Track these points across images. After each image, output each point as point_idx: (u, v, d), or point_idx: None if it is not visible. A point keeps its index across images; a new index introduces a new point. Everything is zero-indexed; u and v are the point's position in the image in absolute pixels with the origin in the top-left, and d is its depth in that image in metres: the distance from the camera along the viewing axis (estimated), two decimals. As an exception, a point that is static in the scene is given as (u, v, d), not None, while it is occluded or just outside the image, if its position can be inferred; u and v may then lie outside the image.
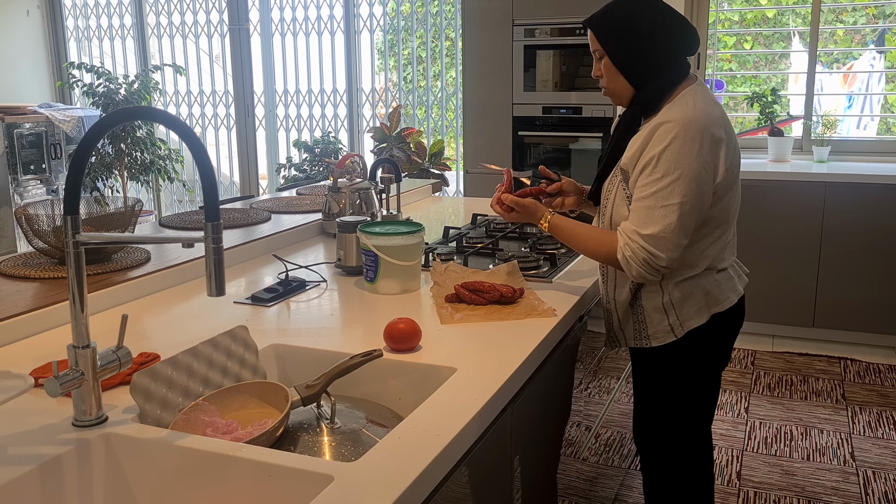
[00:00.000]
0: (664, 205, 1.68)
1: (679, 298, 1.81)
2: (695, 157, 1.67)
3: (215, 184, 1.18)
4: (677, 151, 1.67)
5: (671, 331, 1.83)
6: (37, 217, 1.98)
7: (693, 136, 1.68)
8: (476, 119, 4.66)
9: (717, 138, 1.71)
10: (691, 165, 1.67)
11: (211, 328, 1.66)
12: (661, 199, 1.68)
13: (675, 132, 1.68)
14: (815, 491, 2.84)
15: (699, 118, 1.69)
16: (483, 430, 1.32)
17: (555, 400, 1.84)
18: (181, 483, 1.17)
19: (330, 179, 2.57)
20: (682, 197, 1.67)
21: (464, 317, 1.73)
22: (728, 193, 1.78)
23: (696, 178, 1.68)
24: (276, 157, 6.32)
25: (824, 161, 4.50)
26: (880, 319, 4.20)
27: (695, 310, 1.82)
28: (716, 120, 1.72)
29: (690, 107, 1.71)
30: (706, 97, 1.76)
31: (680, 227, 1.69)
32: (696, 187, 1.68)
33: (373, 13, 5.84)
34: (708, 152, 1.69)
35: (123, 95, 5.64)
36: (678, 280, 1.80)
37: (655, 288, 1.82)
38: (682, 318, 1.82)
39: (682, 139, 1.67)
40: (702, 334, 1.83)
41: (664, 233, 1.68)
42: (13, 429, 1.22)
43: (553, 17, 4.37)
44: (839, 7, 5.07)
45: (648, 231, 1.69)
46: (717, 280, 1.83)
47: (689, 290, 1.81)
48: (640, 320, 1.87)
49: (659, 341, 1.85)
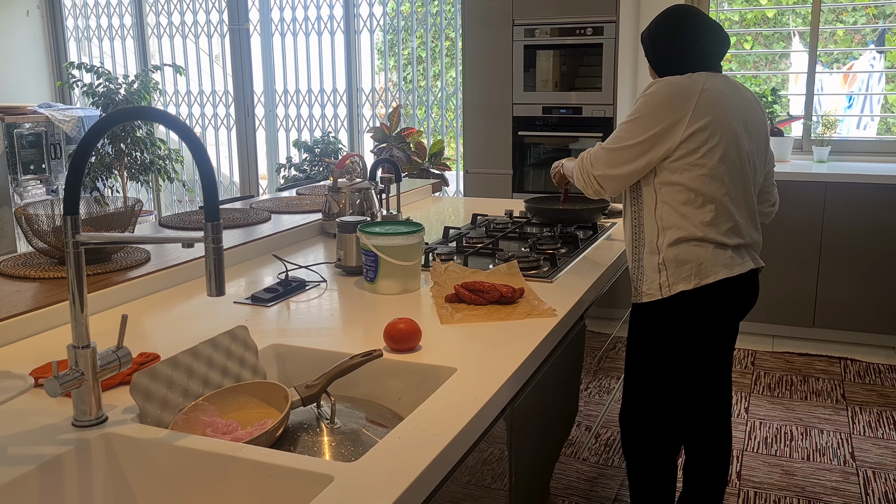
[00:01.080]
0: (617, 135, 2.04)
1: (672, 260, 2.02)
2: (654, 108, 1.98)
3: (215, 184, 1.18)
4: (644, 100, 2.01)
5: (660, 290, 2.05)
6: (37, 217, 1.98)
7: (665, 92, 1.98)
8: (476, 119, 4.66)
9: (687, 98, 1.97)
10: (649, 115, 1.99)
11: (211, 328, 1.66)
12: (620, 131, 2.04)
13: (655, 88, 2.00)
14: (815, 491, 2.84)
15: (678, 80, 2.00)
16: (483, 430, 1.32)
17: (557, 400, 1.84)
18: (181, 483, 1.17)
19: (330, 179, 2.57)
20: (629, 133, 2.01)
21: (464, 317, 1.73)
22: (714, 158, 1.97)
23: (648, 124, 1.98)
24: (276, 158, 6.32)
25: (824, 161, 4.50)
26: (880, 319, 4.20)
27: (685, 276, 2.02)
28: (696, 83, 1.99)
29: (682, 77, 2.01)
30: (703, 76, 2.02)
31: (618, 155, 2.03)
32: (645, 132, 1.98)
33: (373, 13, 5.84)
34: (670, 109, 1.96)
35: (123, 95, 5.64)
36: (672, 240, 2.02)
37: (653, 248, 2.06)
38: (672, 281, 2.03)
39: (655, 93, 1.99)
40: (689, 300, 2.02)
41: (602, 151, 2.06)
42: (13, 429, 1.22)
43: (553, 17, 4.37)
44: (839, 7, 5.07)
45: (598, 145, 2.10)
46: (713, 254, 2.01)
47: (683, 256, 2.01)
48: (638, 277, 2.11)
49: (649, 297, 2.08)
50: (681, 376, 2.15)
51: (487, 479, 1.40)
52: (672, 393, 2.18)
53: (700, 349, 2.11)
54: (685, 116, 1.96)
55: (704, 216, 1.99)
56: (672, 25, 2.09)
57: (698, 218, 2.00)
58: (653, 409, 2.20)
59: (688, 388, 2.16)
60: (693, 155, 1.97)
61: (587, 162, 2.09)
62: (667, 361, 2.14)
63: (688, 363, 2.12)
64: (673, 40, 2.08)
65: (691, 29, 2.07)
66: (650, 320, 2.12)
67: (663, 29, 2.10)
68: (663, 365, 2.15)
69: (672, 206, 2.01)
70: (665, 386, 2.17)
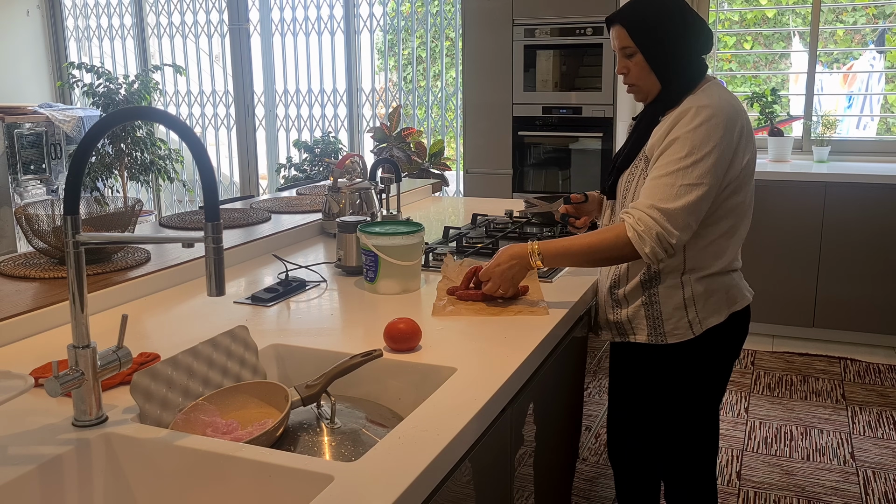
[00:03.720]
0: (684, 183, 1.66)
1: (702, 294, 1.80)
2: (718, 142, 1.67)
3: (215, 184, 1.18)
4: (703, 134, 1.67)
5: (690, 328, 1.81)
6: (37, 217, 1.98)
7: (718, 122, 1.68)
8: (476, 119, 4.66)
9: (740, 128, 1.73)
10: (715, 150, 1.67)
11: (211, 328, 1.66)
12: (682, 178, 1.66)
13: (703, 116, 1.68)
14: (815, 491, 2.84)
15: (725, 107, 1.71)
16: (483, 430, 1.32)
17: (560, 400, 1.84)
18: (181, 483, 1.17)
19: (330, 179, 2.57)
20: (702, 178, 1.66)
21: (455, 310, 1.75)
22: (746, 187, 1.79)
23: (716, 162, 1.68)
24: (276, 157, 6.32)
25: (824, 161, 4.50)
26: (880, 319, 4.20)
27: (715, 308, 1.81)
28: (739, 111, 1.74)
29: (715, 97, 1.73)
30: (727, 92, 1.78)
31: (696, 208, 1.67)
32: (715, 172, 1.68)
33: (373, 13, 5.83)
34: (730, 141, 1.70)
35: (123, 95, 5.64)
36: (701, 275, 1.79)
37: (675, 283, 1.80)
38: (703, 316, 1.81)
39: (708, 124, 1.68)
40: (718, 333, 1.83)
41: (680, 210, 1.65)
42: (13, 429, 1.22)
43: (553, 17, 4.37)
44: (839, 7, 5.07)
45: (666, 205, 1.65)
46: (734, 279, 1.84)
47: (712, 287, 1.80)
48: (655, 316, 1.84)
49: (678, 338, 1.82)
50: (707, 406, 1.93)
51: (488, 479, 1.40)
52: (701, 420, 1.94)
53: (721, 383, 1.92)
54: (740, 142, 1.73)
55: (732, 238, 1.80)
56: (683, 9, 1.78)
57: (737, 246, 1.81)
58: (686, 446, 1.96)
59: (704, 428, 1.95)
60: (741, 181, 1.77)
61: (663, 235, 1.66)
62: (690, 402, 1.90)
63: (709, 401, 1.91)
64: (688, 32, 1.77)
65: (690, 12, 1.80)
66: (677, 362, 1.86)
67: (678, 17, 1.76)
68: (688, 407, 1.90)
69: (711, 239, 1.78)
70: (686, 433, 1.93)
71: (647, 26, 1.76)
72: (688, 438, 1.94)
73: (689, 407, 1.91)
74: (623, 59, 1.82)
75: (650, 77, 1.80)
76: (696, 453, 1.96)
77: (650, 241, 1.66)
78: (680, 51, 1.77)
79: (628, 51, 1.79)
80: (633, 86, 1.84)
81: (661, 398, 1.93)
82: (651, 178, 1.71)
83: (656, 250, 1.67)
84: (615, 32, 1.80)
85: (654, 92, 1.81)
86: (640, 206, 1.69)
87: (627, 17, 1.78)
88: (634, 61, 1.79)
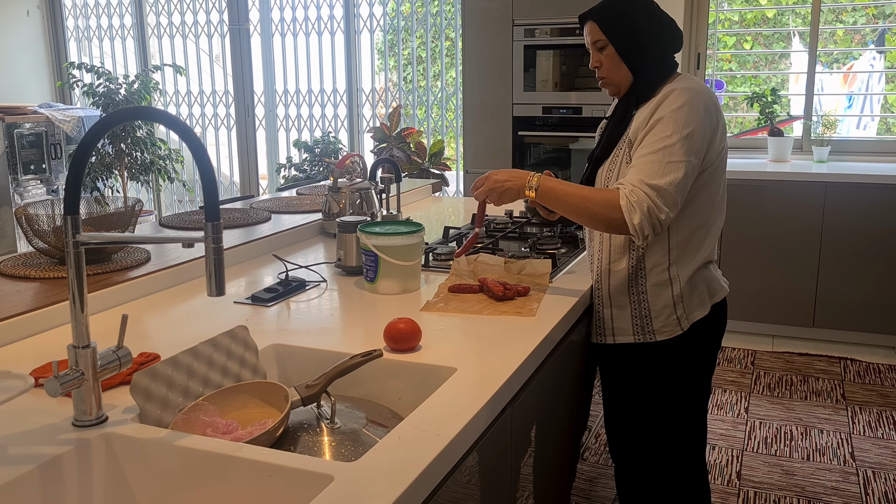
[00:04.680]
0: (671, 160, 1.70)
1: (687, 289, 1.85)
2: (699, 123, 1.73)
3: (215, 184, 1.18)
4: (686, 114, 1.72)
5: (678, 324, 1.85)
6: (37, 217, 1.98)
7: (699, 104, 1.74)
8: (476, 119, 4.66)
9: (716, 114, 1.79)
10: (698, 129, 1.72)
11: (211, 328, 1.66)
12: (668, 155, 1.70)
13: (686, 97, 1.74)
14: (815, 491, 2.84)
15: (704, 92, 1.78)
16: (483, 431, 1.32)
17: (560, 400, 1.84)
18: (181, 483, 1.17)
19: (330, 179, 2.57)
20: (687, 156, 1.70)
21: (445, 307, 1.79)
22: (719, 178, 1.85)
23: (700, 141, 1.73)
24: (276, 157, 6.32)
25: (824, 161, 4.50)
26: (880, 319, 4.20)
27: (698, 301, 1.86)
28: (715, 101, 1.82)
29: (695, 83, 1.80)
30: (702, 83, 1.84)
31: (683, 184, 1.71)
32: (697, 151, 1.73)
33: (373, 13, 5.84)
34: (710, 123, 1.76)
35: (123, 95, 5.64)
36: (686, 268, 1.84)
37: (664, 280, 1.84)
38: (688, 311, 1.86)
39: (690, 104, 1.73)
40: (703, 326, 1.87)
41: (669, 187, 1.69)
42: (13, 429, 1.22)
43: (553, 17, 4.37)
44: (839, 7, 5.07)
45: (655, 182, 1.69)
46: (711, 271, 1.91)
47: (695, 280, 1.85)
48: (643, 315, 1.87)
49: (667, 335, 1.86)
50: (694, 401, 1.95)
51: (488, 479, 1.40)
52: (687, 415, 1.96)
53: (708, 375, 1.95)
54: (718, 128, 1.80)
55: (710, 229, 1.86)
56: (651, 6, 1.85)
57: (714, 238, 1.86)
58: (675, 440, 1.97)
59: (693, 421, 1.97)
60: (716, 169, 1.82)
61: (653, 210, 1.67)
62: (681, 399, 1.92)
63: (697, 394, 1.94)
64: (659, 24, 1.84)
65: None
66: (666, 359, 1.88)
67: (646, 12, 1.83)
68: (678, 404, 1.92)
69: (692, 228, 1.83)
70: (681, 413, 1.94)
71: (618, 19, 1.82)
72: (679, 432, 1.96)
73: (678, 400, 1.93)
74: (596, 53, 1.87)
75: (621, 68, 1.84)
76: (687, 446, 1.98)
77: (640, 213, 1.68)
78: (648, 40, 1.82)
79: (600, 44, 1.85)
80: (605, 79, 1.89)
81: (652, 395, 1.94)
82: (638, 157, 1.75)
83: (644, 224, 1.68)
84: (588, 28, 1.87)
85: (626, 84, 1.86)
86: (630, 180, 1.72)
87: (598, 12, 1.85)
88: (606, 54, 1.85)
